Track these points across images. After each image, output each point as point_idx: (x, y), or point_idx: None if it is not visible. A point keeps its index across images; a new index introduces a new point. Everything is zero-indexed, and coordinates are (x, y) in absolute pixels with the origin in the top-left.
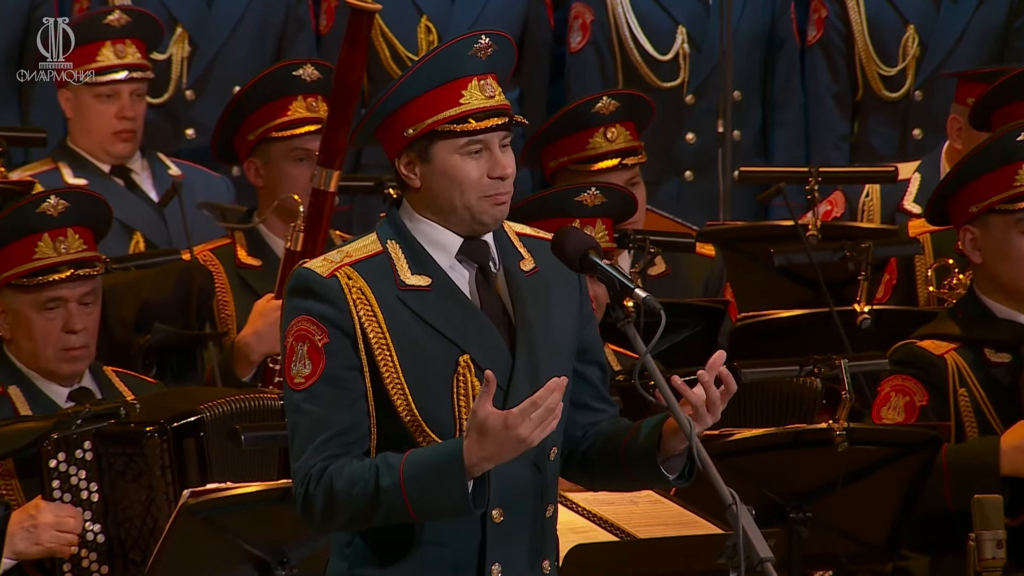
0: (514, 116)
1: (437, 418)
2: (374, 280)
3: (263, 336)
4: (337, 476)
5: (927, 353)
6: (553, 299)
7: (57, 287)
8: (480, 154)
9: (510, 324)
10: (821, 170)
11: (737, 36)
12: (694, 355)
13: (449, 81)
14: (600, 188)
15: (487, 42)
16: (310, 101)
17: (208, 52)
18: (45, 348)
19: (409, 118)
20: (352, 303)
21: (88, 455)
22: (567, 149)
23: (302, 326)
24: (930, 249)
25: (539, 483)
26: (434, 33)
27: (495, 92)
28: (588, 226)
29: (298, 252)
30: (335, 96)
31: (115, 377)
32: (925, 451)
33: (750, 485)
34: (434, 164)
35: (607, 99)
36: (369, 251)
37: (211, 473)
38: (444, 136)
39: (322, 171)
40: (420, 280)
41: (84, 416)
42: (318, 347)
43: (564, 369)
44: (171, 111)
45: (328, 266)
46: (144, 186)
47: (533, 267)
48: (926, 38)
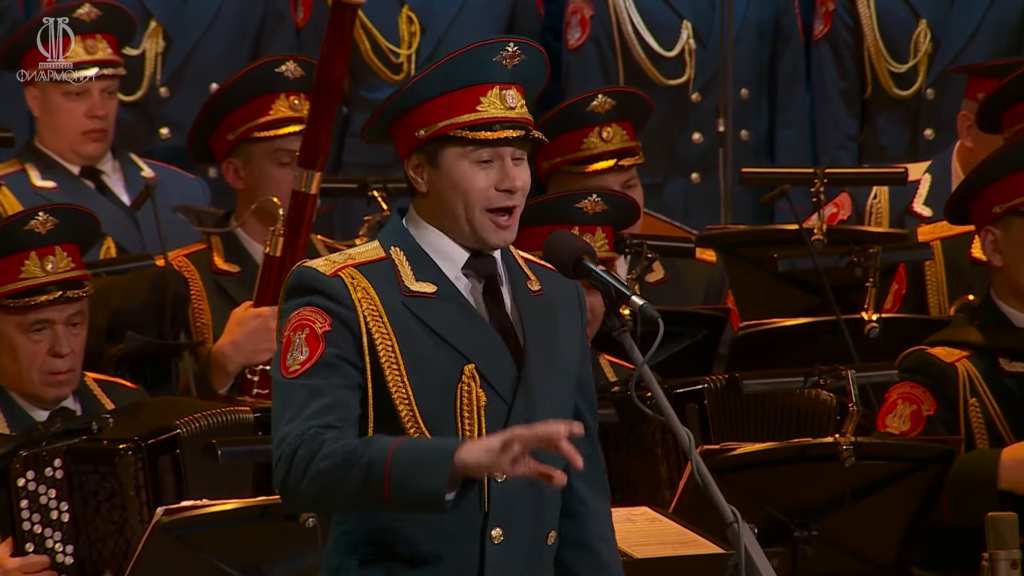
0: (532, 132)
1: (439, 428)
2: (378, 283)
3: (241, 346)
4: (331, 442)
5: (937, 360)
6: (560, 323)
7: (44, 309)
8: (490, 165)
9: (517, 343)
10: (827, 171)
11: (743, 30)
12: (694, 365)
13: (469, 86)
14: (601, 195)
15: (514, 50)
16: (293, 99)
17: (183, 47)
18: (30, 372)
19: (423, 118)
20: (358, 302)
21: (58, 473)
22: (560, 149)
23: (303, 314)
24: (940, 255)
25: (540, 507)
26: (416, 24)
27: (516, 103)
28: (587, 234)
29: (278, 257)
30: (317, 93)
31: (96, 387)
32: (936, 466)
33: (752, 502)
34: (442, 170)
35: (602, 97)
36: (372, 256)
37: (188, 493)
38: (455, 142)
39: (302, 172)
40: (425, 287)
41: (55, 432)
42: (318, 333)
43: (567, 394)
44: (144, 109)
45: (331, 266)
46: (115, 188)
47: (539, 289)
48: (939, 33)
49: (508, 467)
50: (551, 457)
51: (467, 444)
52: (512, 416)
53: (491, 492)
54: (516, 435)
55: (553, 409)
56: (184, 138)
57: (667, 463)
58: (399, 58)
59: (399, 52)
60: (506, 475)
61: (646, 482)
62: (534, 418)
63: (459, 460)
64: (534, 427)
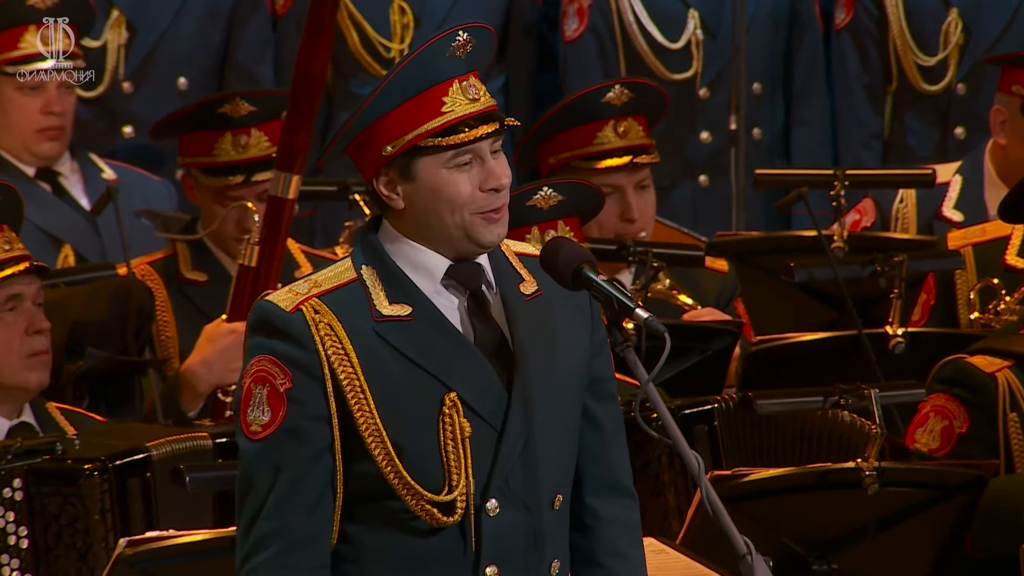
0: (505, 119)
1: (421, 466)
2: (345, 313)
3: (212, 364)
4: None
5: (976, 370)
6: (559, 325)
7: (14, 283)
8: (470, 165)
9: (509, 356)
10: (848, 173)
11: (756, 19)
12: (702, 384)
13: (427, 88)
14: (553, 186)
15: (465, 38)
16: (241, 137)
17: (148, 38)
18: (9, 356)
19: (386, 134)
20: (319, 341)
21: (18, 495)
22: (570, 143)
23: (262, 367)
24: (972, 263)
25: (540, 536)
26: (409, 15)
27: (479, 93)
28: (550, 230)
29: (253, 268)
30: (295, 90)
31: (58, 414)
32: (966, 494)
33: (767, 532)
34: (419, 182)
35: (619, 88)
36: (341, 280)
37: (157, 519)
38: (428, 151)
39: (280, 175)
40: (399, 310)
41: (15, 451)
42: (279, 392)
43: (569, 406)
44: (106, 106)
45: (292, 299)
46: (74, 191)
47: (535, 290)
48: (970, 23)
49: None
50: (543, 480)
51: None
52: (503, 443)
53: (481, 528)
54: None
55: (552, 424)
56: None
57: (675, 490)
58: (390, 52)
59: (390, 46)
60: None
61: (652, 511)
62: (528, 442)
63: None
64: None
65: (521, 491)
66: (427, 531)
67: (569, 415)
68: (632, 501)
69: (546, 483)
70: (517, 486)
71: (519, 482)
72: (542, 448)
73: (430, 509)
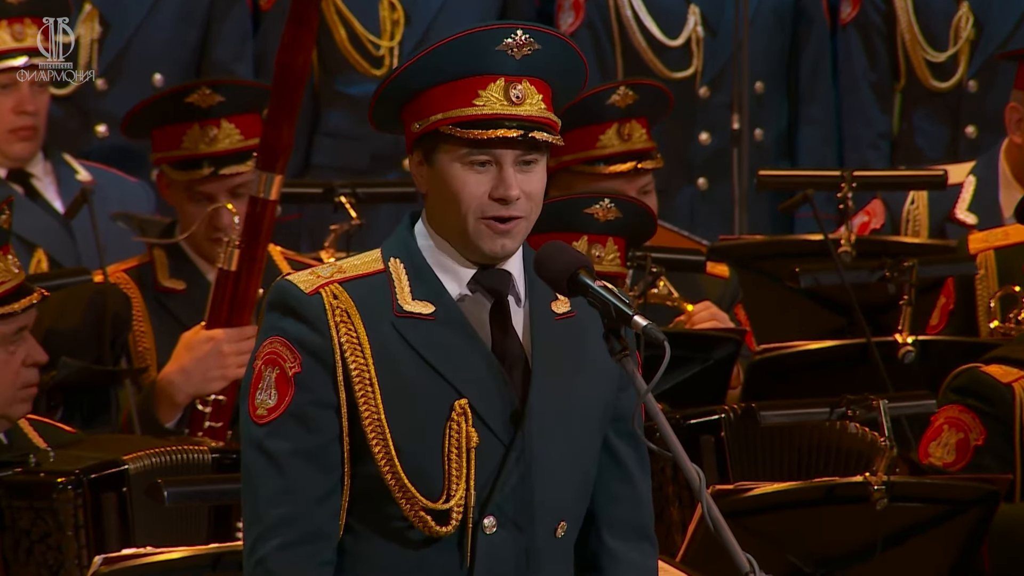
0: (534, 133)
1: (420, 470)
2: (365, 302)
3: (190, 374)
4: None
5: (991, 380)
6: (587, 350)
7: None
8: (486, 168)
9: (527, 372)
10: (855, 174)
11: (759, 15)
12: (704, 394)
13: (466, 76)
14: (615, 200)
15: (523, 38)
16: (210, 129)
17: (123, 33)
18: (5, 388)
19: (418, 110)
20: (334, 327)
21: None
22: (572, 146)
23: (273, 348)
24: (994, 267)
25: (537, 562)
26: (399, 11)
27: (527, 100)
28: (598, 244)
29: (233, 272)
30: (277, 86)
31: (27, 426)
32: (979, 509)
33: (772, 549)
34: (436, 169)
35: (624, 90)
36: (367, 269)
37: (134, 536)
38: (447, 140)
39: (261, 175)
40: (422, 307)
41: None
42: (287, 376)
43: (584, 434)
44: (79, 104)
45: (313, 281)
46: (47, 194)
47: (568, 311)
48: (982, 18)
49: None
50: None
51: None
52: (509, 458)
53: (476, 545)
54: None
55: (563, 449)
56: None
57: (679, 504)
58: (380, 50)
59: (379, 43)
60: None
61: (655, 526)
62: (535, 463)
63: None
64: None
65: (522, 512)
66: (421, 542)
67: (584, 444)
68: (651, 547)
69: (550, 508)
70: (518, 506)
71: (521, 503)
72: (549, 471)
73: (424, 517)
